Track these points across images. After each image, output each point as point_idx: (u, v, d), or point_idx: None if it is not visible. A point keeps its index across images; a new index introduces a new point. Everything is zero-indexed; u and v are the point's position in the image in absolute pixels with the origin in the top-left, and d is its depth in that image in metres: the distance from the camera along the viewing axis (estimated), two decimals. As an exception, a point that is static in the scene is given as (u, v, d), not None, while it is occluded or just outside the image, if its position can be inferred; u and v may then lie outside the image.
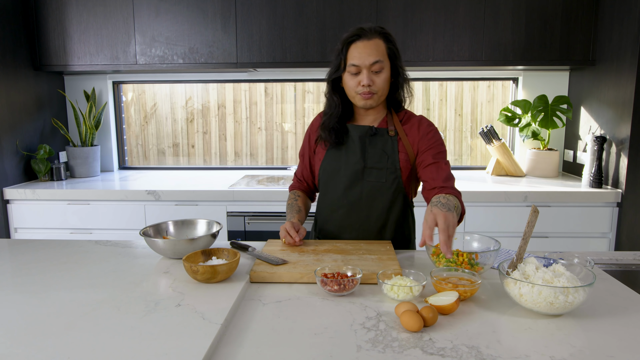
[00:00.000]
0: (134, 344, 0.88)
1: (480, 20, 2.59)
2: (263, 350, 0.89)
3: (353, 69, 1.41)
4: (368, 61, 1.39)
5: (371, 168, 1.47)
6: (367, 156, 1.48)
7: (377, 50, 1.40)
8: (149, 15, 2.67)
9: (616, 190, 2.43)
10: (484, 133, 2.91)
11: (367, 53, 1.39)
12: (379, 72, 1.42)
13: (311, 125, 1.65)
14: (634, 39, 2.29)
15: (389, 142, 1.48)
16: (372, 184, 1.48)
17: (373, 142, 1.48)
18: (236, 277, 1.22)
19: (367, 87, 1.41)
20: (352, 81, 1.43)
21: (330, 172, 1.53)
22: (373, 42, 1.40)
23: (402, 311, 0.97)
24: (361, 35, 1.40)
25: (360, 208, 1.51)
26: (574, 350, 0.89)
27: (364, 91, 1.42)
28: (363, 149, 1.48)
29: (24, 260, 1.38)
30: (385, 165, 1.47)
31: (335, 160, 1.52)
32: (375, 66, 1.40)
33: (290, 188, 1.72)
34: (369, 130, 1.49)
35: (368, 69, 1.40)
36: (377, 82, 1.42)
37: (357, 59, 1.40)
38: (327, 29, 2.62)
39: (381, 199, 1.49)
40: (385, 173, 1.47)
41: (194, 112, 3.25)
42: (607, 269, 1.47)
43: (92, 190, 2.56)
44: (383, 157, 1.47)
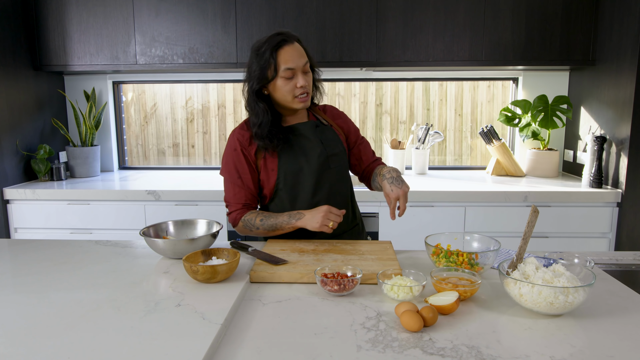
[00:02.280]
0: (134, 344, 0.88)
1: (480, 20, 2.59)
2: (263, 350, 0.89)
3: (288, 73, 1.41)
4: (301, 62, 1.42)
5: (332, 155, 1.55)
6: (325, 145, 1.54)
7: (302, 51, 1.44)
8: (149, 15, 2.67)
9: (616, 190, 2.43)
10: (484, 133, 2.91)
11: (297, 55, 1.41)
12: (308, 73, 1.46)
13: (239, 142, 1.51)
14: (634, 39, 2.29)
15: (328, 130, 1.58)
16: (338, 169, 1.56)
17: (322, 133, 1.56)
18: (236, 277, 1.22)
19: (303, 88, 1.43)
20: (286, 86, 1.42)
21: (293, 174, 1.51)
22: (296, 45, 1.43)
23: (402, 311, 0.97)
24: (286, 39, 1.41)
25: (335, 195, 1.56)
26: (574, 350, 0.89)
27: (302, 92, 1.44)
28: (319, 140, 1.54)
29: (24, 260, 1.38)
30: (340, 149, 1.57)
31: (294, 161, 1.50)
32: (306, 67, 1.44)
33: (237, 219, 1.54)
34: (314, 123, 1.56)
35: (302, 71, 1.43)
36: (309, 82, 1.47)
37: (292, 62, 1.40)
38: (327, 29, 2.62)
39: (346, 181, 1.61)
40: (342, 156, 1.58)
41: (194, 112, 3.25)
42: (607, 269, 1.47)
43: (92, 190, 2.56)
44: (335, 143, 1.57)
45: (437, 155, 3.22)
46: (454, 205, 2.48)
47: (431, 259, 1.31)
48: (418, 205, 2.48)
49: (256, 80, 1.43)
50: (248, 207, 1.55)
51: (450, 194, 2.45)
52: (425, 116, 3.16)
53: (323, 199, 1.54)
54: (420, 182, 2.71)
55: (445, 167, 3.21)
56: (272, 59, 1.40)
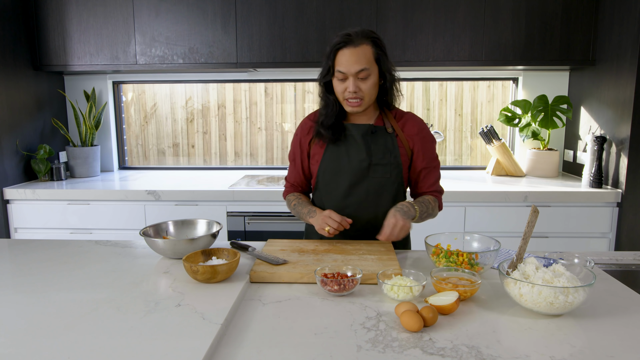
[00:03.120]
0: (134, 344, 0.88)
1: (480, 20, 2.59)
2: (263, 350, 0.89)
3: (340, 75, 1.43)
4: (354, 69, 1.41)
5: (376, 164, 1.50)
6: (372, 153, 1.50)
7: (363, 57, 1.41)
8: (149, 15, 2.67)
9: (616, 190, 2.43)
10: (484, 133, 2.91)
11: (353, 61, 1.40)
12: (365, 79, 1.43)
13: (300, 129, 1.62)
14: (634, 39, 2.29)
15: (388, 138, 1.51)
16: (378, 180, 1.50)
17: (375, 140, 1.51)
18: (236, 277, 1.22)
19: (352, 93, 1.43)
20: (339, 87, 1.46)
21: (332, 172, 1.53)
22: (360, 49, 1.40)
23: (402, 311, 0.97)
24: (348, 42, 1.41)
25: (367, 205, 1.52)
26: (574, 350, 0.89)
27: (350, 97, 1.44)
28: (367, 146, 1.50)
29: (24, 260, 1.38)
30: (389, 161, 1.50)
31: (336, 159, 1.53)
32: (362, 74, 1.42)
33: (285, 194, 1.70)
34: (369, 128, 1.51)
35: (354, 77, 1.42)
36: (363, 89, 1.43)
37: (344, 67, 1.41)
38: (327, 29, 2.62)
39: (386, 195, 1.52)
40: (389, 168, 1.50)
41: (194, 112, 3.25)
42: (607, 269, 1.47)
43: (92, 190, 2.56)
44: (386, 153, 1.50)
45: (437, 155, 3.21)
46: (454, 205, 2.48)
47: (431, 259, 1.31)
48: (418, 205, 2.47)
49: (323, 74, 1.49)
50: (295, 188, 1.67)
51: (450, 194, 2.45)
52: (425, 116, 3.16)
53: (353, 205, 1.53)
54: (420, 182, 2.71)
55: (445, 167, 3.21)
56: (330, 58, 1.44)
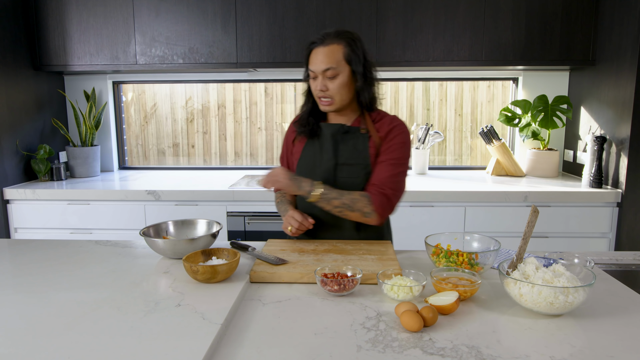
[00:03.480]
0: (134, 344, 0.88)
1: (480, 20, 2.59)
2: (263, 350, 0.89)
3: (311, 74, 1.47)
4: (320, 68, 1.43)
5: (343, 164, 1.49)
6: (339, 153, 1.50)
7: (331, 56, 1.42)
8: (149, 15, 2.67)
9: (616, 190, 2.43)
10: (484, 133, 2.91)
11: (319, 60, 1.42)
12: (333, 79, 1.44)
13: (289, 129, 1.69)
14: (634, 39, 2.29)
15: (360, 139, 1.50)
16: (345, 180, 1.49)
17: (345, 140, 1.50)
18: (236, 277, 1.22)
19: (320, 92, 1.45)
20: (312, 85, 1.49)
21: (306, 169, 1.55)
22: (329, 48, 1.42)
23: (402, 311, 0.97)
24: (319, 42, 1.44)
25: None
26: (574, 350, 0.89)
27: (321, 95, 1.46)
28: (335, 146, 1.50)
29: (24, 260, 1.38)
30: (357, 162, 1.48)
31: (311, 158, 1.55)
32: (328, 72, 1.42)
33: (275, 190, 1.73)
34: (340, 128, 1.51)
35: (322, 75, 1.44)
36: (330, 88, 1.44)
37: (312, 65, 1.45)
38: (327, 29, 2.61)
39: None
40: (356, 169, 1.48)
41: (194, 112, 3.25)
42: (607, 269, 1.47)
43: (92, 190, 2.56)
44: (354, 153, 1.49)
45: (437, 155, 3.22)
46: (454, 205, 2.48)
47: (431, 259, 1.31)
48: (418, 205, 2.48)
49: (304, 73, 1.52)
50: None
51: (450, 194, 2.45)
52: (425, 116, 3.16)
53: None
54: (420, 182, 2.71)
55: (445, 167, 3.21)
56: (305, 57, 1.48)
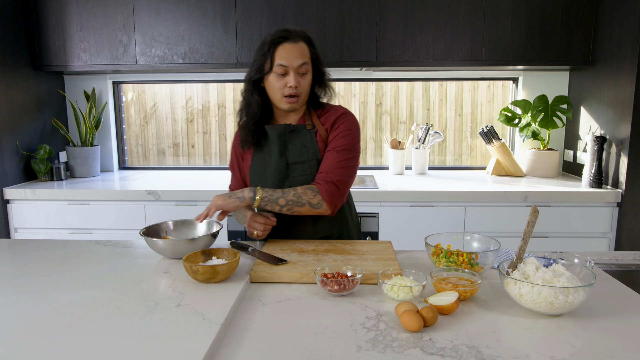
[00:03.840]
0: (134, 344, 0.88)
1: (480, 20, 2.59)
2: (263, 350, 0.89)
3: (280, 70, 1.41)
4: (296, 63, 1.41)
5: (294, 163, 1.49)
6: (288, 153, 1.49)
7: (304, 53, 1.43)
8: (149, 15, 2.67)
9: (616, 190, 2.43)
10: (484, 133, 2.91)
11: (295, 55, 1.40)
12: (305, 74, 1.44)
13: (235, 138, 1.64)
14: (634, 39, 2.29)
15: (307, 135, 1.49)
16: (299, 179, 1.49)
17: (292, 139, 1.50)
18: (236, 277, 1.22)
19: (294, 88, 1.42)
20: (278, 82, 1.43)
21: (259, 176, 1.54)
22: (299, 45, 1.42)
23: (402, 311, 0.97)
24: (288, 37, 1.41)
25: None
26: (574, 350, 0.89)
27: (290, 92, 1.42)
28: (283, 146, 1.49)
29: (24, 260, 1.38)
30: (308, 158, 1.48)
31: (261, 164, 1.54)
32: (302, 68, 1.42)
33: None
34: (285, 127, 1.50)
35: (295, 71, 1.42)
36: (302, 84, 1.44)
37: (286, 60, 1.40)
38: (327, 29, 2.62)
39: None
40: (308, 166, 1.48)
41: (194, 112, 3.25)
42: (607, 269, 1.47)
43: (92, 190, 2.56)
44: (304, 150, 1.48)
45: (437, 155, 3.22)
46: (454, 205, 2.48)
47: (431, 259, 1.31)
48: (418, 205, 2.48)
49: (255, 70, 1.46)
50: None
51: (450, 194, 2.45)
52: (425, 116, 3.16)
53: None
54: (420, 182, 2.71)
55: (445, 167, 3.21)
56: (270, 52, 1.41)
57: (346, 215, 1.62)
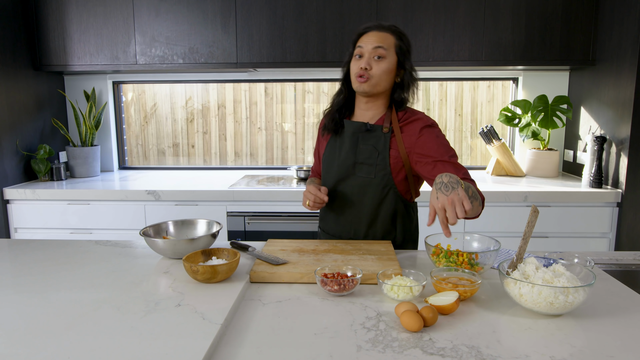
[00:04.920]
0: (134, 344, 0.88)
1: (480, 20, 2.59)
2: (263, 350, 0.89)
3: (357, 51, 1.47)
4: (371, 45, 1.44)
5: (362, 163, 1.49)
6: (357, 152, 1.50)
7: (383, 39, 1.45)
8: (149, 15, 2.67)
9: (616, 190, 2.43)
10: (484, 133, 2.91)
11: (373, 40, 1.45)
12: (380, 59, 1.45)
13: (321, 122, 1.70)
14: (634, 39, 2.29)
15: (381, 139, 1.48)
16: (362, 179, 1.50)
17: (365, 139, 1.50)
18: (236, 277, 1.22)
19: (363, 69, 1.43)
20: (354, 65, 1.47)
21: (328, 164, 1.59)
22: (383, 34, 1.46)
23: (402, 311, 0.97)
24: (372, 27, 1.48)
25: (351, 201, 1.54)
26: (574, 350, 0.89)
27: (360, 73, 1.44)
28: (355, 144, 1.51)
29: (24, 260, 1.38)
30: (375, 162, 1.48)
31: (332, 153, 1.58)
32: (377, 51, 1.44)
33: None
34: (362, 126, 1.50)
35: (369, 53, 1.45)
36: (374, 68, 1.44)
37: (363, 42, 1.46)
38: (327, 29, 2.62)
39: (371, 195, 1.51)
40: (374, 169, 1.48)
41: (194, 112, 3.25)
42: (607, 269, 1.47)
43: (92, 190, 2.56)
44: (374, 153, 1.48)
45: (437, 155, 3.21)
46: (454, 205, 2.47)
47: (431, 259, 1.31)
48: (418, 205, 2.47)
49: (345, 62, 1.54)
50: (314, 174, 1.79)
51: (450, 194, 2.45)
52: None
53: (338, 201, 1.56)
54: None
55: (445, 167, 3.20)
56: (354, 42, 1.51)
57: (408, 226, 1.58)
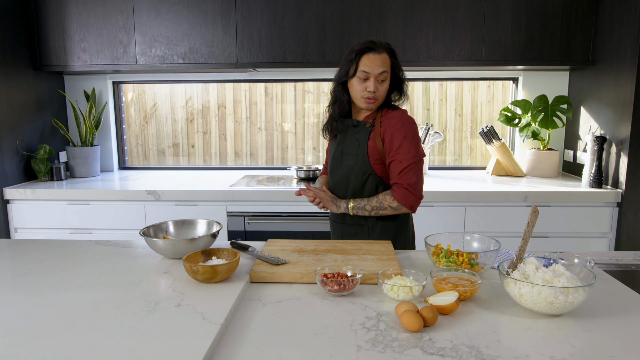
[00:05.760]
0: (134, 344, 0.88)
1: (480, 20, 2.59)
2: (263, 350, 0.89)
3: (362, 75, 1.62)
4: (377, 70, 1.61)
5: (347, 154, 1.71)
6: (344, 144, 1.72)
7: (385, 63, 1.62)
8: (149, 15, 2.67)
9: (616, 190, 2.43)
10: (484, 133, 2.91)
11: (377, 64, 1.60)
12: (383, 82, 1.64)
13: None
14: (634, 39, 2.29)
15: (363, 131, 1.69)
16: (347, 167, 1.71)
17: (351, 132, 1.72)
18: (236, 277, 1.22)
19: (372, 93, 1.62)
20: (359, 86, 1.64)
21: (330, 158, 1.80)
22: (382, 56, 1.62)
23: (402, 311, 0.97)
24: (373, 48, 1.61)
25: (340, 187, 1.75)
26: (574, 350, 0.89)
27: (369, 96, 1.63)
28: (343, 138, 1.73)
29: (24, 260, 1.38)
30: (356, 151, 1.68)
31: (331, 149, 1.81)
32: (382, 76, 1.62)
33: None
34: (350, 122, 1.73)
35: (375, 78, 1.62)
36: (380, 90, 1.64)
37: (368, 67, 1.61)
38: (327, 29, 2.62)
39: (354, 180, 1.70)
40: (355, 157, 1.69)
41: (194, 112, 3.25)
42: (607, 269, 1.47)
43: (92, 190, 2.56)
44: (355, 144, 1.69)
45: (437, 155, 3.22)
46: (454, 205, 2.48)
47: (431, 259, 1.31)
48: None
49: (343, 73, 1.68)
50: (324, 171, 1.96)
51: (450, 194, 2.45)
52: (425, 116, 3.16)
53: (335, 186, 1.77)
54: (420, 182, 2.71)
55: (445, 167, 3.21)
56: (355, 60, 1.63)
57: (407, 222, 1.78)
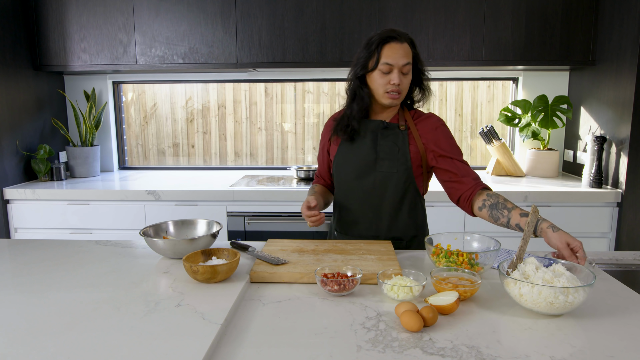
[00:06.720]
0: (134, 344, 0.88)
1: (480, 20, 2.59)
2: (263, 350, 0.89)
3: (385, 68, 1.46)
4: (401, 62, 1.45)
5: (383, 159, 1.53)
6: (378, 148, 1.54)
7: (408, 53, 1.47)
8: (149, 15, 2.67)
9: (616, 190, 2.43)
10: (484, 133, 2.91)
11: (400, 54, 1.45)
12: (407, 74, 1.49)
13: (326, 126, 1.71)
14: (634, 39, 2.29)
15: (399, 135, 1.54)
16: (384, 174, 1.53)
17: (384, 135, 1.55)
18: (236, 277, 1.22)
19: (396, 86, 1.46)
20: (381, 79, 1.48)
21: (342, 165, 1.59)
22: (404, 45, 1.47)
23: (402, 311, 0.97)
24: (395, 37, 1.46)
25: (373, 197, 1.56)
26: (574, 350, 0.89)
27: (393, 89, 1.47)
28: (375, 141, 1.54)
29: (24, 260, 1.38)
30: (397, 157, 1.52)
31: (348, 153, 1.59)
32: (405, 68, 1.47)
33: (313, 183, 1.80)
34: (380, 124, 1.55)
35: (399, 69, 1.46)
36: (404, 83, 1.49)
37: (392, 59, 1.45)
38: (327, 29, 2.62)
39: (393, 188, 1.54)
40: (396, 163, 1.53)
41: (194, 112, 3.25)
42: (607, 269, 1.47)
43: (92, 190, 2.56)
44: (394, 148, 1.53)
45: (437, 155, 3.21)
46: (454, 205, 2.47)
47: (431, 259, 1.31)
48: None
49: (360, 67, 1.51)
50: (319, 179, 1.76)
51: (450, 194, 2.45)
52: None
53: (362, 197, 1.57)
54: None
55: (445, 167, 3.20)
56: (377, 51, 1.47)
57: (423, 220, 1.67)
